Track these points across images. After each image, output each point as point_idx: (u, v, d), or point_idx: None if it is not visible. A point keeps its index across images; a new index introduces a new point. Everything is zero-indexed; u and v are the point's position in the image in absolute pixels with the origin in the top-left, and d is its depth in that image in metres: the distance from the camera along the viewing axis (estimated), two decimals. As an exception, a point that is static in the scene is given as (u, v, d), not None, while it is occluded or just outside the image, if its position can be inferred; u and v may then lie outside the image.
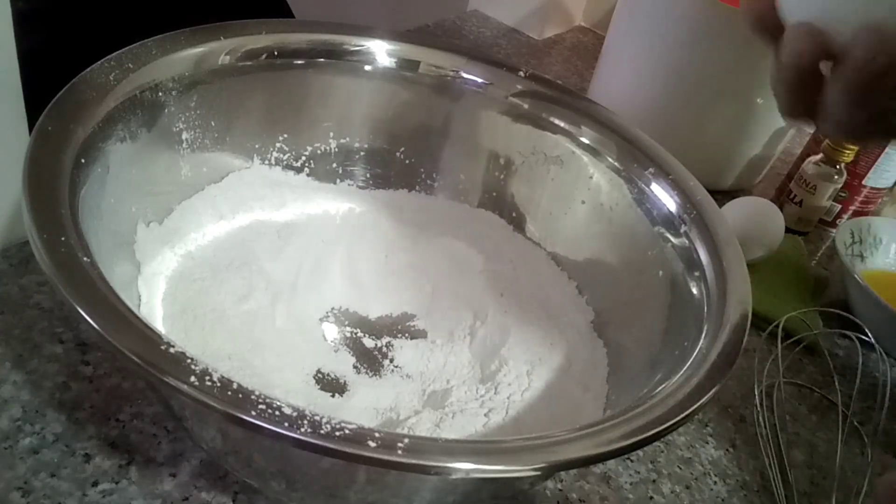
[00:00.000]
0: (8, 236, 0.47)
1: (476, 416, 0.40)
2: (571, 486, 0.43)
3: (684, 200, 0.46)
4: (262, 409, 0.26)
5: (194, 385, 0.26)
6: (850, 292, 0.62)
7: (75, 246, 0.30)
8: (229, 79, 0.46)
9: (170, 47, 0.43)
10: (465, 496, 0.35)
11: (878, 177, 0.71)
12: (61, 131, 0.35)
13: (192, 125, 0.45)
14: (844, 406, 0.53)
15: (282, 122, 0.51)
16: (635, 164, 0.48)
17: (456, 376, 0.44)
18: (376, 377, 0.44)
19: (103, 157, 0.37)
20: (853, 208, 0.74)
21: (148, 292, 0.41)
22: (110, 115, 0.38)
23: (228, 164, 0.49)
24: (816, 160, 0.70)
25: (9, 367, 0.40)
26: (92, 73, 0.39)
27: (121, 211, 0.40)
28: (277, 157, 0.51)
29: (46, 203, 0.31)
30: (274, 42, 0.48)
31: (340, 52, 0.51)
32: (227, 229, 0.48)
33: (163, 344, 0.27)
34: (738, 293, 0.39)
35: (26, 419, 0.38)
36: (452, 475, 0.27)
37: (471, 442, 0.36)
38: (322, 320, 0.47)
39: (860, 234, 0.65)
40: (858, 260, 0.65)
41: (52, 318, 0.43)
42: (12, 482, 0.35)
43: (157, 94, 0.42)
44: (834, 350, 0.60)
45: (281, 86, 0.49)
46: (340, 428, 0.26)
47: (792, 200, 0.72)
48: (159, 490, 0.37)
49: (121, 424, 0.39)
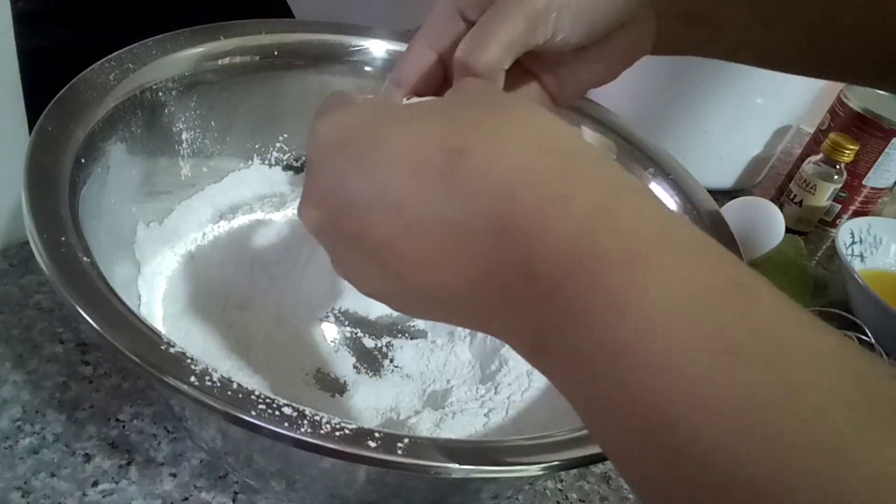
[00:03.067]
0: (8, 236, 0.47)
1: (476, 416, 0.40)
2: (571, 486, 0.43)
3: (684, 200, 0.46)
4: (262, 409, 0.26)
5: (194, 385, 0.26)
6: (850, 292, 0.62)
7: (75, 246, 0.30)
8: (229, 79, 0.46)
9: (170, 47, 0.43)
10: (466, 496, 0.35)
11: (878, 177, 0.71)
12: (61, 131, 0.35)
13: (192, 125, 0.45)
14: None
15: (282, 122, 0.51)
16: (635, 164, 0.48)
17: (456, 376, 0.44)
18: (376, 377, 0.44)
19: (103, 157, 0.37)
20: (853, 208, 0.74)
21: (148, 292, 0.41)
22: (110, 115, 0.38)
23: (228, 164, 0.49)
24: (816, 160, 0.70)
25: (9, 367, 0.40)
26: (92, 73, 0.39)
27: (121, 211, 0.40)
28: (277, 157, 0.51)
29: (46, 203, 0.31)
30: (274, 42, 0.48)
31: (340, 52, 0.50)
32: (227, 229, 0.48)
33: (163, 344, 0.27)
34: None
35: (26, 419, 0.38)
36: (452, 475, 0.27)
37: (471, 442, 0.36)
38: (322, 320, 0.47)
39: (860, 234, 0.65)
40: (858, 260, 0.65)
41: (52, 318, 0.43)
42: (12, 482, 0.35)
43: (157, 94, 0.42)
44: (834, 350, 0.60)
45: (281, 86, 0.49)
46: (340, 428, 0.26)
47: (792, 200, 0.72)
48: (159, 490, 0.37)
49: (121, 424, 0.39)
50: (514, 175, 0.22)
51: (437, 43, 0.33)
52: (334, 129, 0.25)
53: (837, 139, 0.67)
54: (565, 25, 0.31)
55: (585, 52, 0.34)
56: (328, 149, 0.25)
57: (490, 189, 0.22)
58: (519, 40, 0.30)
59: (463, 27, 0.32)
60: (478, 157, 0.22)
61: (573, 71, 0.35)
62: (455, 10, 0.32)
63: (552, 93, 0.36)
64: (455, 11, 0.32)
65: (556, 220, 0.21)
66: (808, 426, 0.16)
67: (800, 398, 0.16)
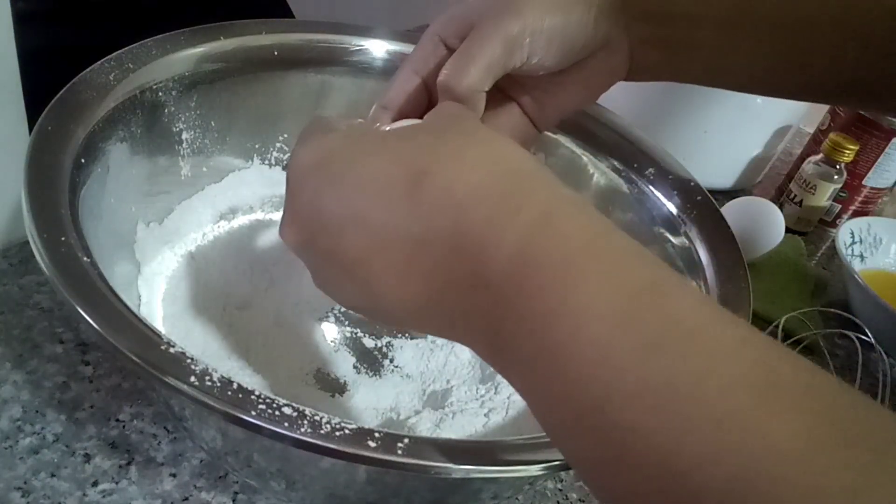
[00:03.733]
0: (8, 236, 0.47)
1: (476, 416, 0.40)
2: (571, 486, 0.43)
3: (684, 200, 0.46)
4: (262, 409, 0.26)
5: (194, 385, 0.26)
6: (850, 292, 0.62)
7: (75, 246, 0.30)
8: (229, 79, 0.46)
9: (170, 47, 0.43)
10: (466, 496, 0.35)
11: (878, 177, 0.71)
12: (61, 131, 0.35)
13: (192, 125, 0.45)
14: (844, 406, 0.53)
15: (282, 122, 0.51)
16: (635, 164, 0.48)
17: (456, 376, 0.44)
18: (376, 377, 0.44)
19: (103, 157, 0.37)
20: (853, 208, 0.74)
21: (148, 292, 0.41)
22: (110, 115, 0.38)
23: (228, 164, 0.49)
24: (816, 160, 0.70)
25: (9, 367, 0.40)
26: (92, 73, 0.39)
27: (121, 211, 0.40)
28: (277, 157, 0.51)
29: (46, 203, 0.31)
30: (274, 42, 0.48)
31: (340, 52, 0.50)
32: (227, 229, 0.48)
33: (163, 344, 0.27)
34: (738, 293, 0.39)
35: (26, 419, 0.38)
36: (452, 475, 0.27)
37: (471, 442, 0.36)
38: (322, 320, 0.47)
39: (860, 234, 0.65)
40: (858, 260, 0.65)
41: (52, 318, 0.43)
42: (12, 482, 0.35)
43: (157, 94, 0.42)
44: (834, 350, 0.60)
45: (281, 86, 0.49)
46: (340, 428, 0.26)
47: (792, 200, 0.72)
48: (159, 490, 0.37)
49: (121, 424, 0.39)
50: (470, 193, 0.24)
51: (422, 69, 0.36)
52: (311, 154, 0.28)
53: (837, 139, 0.67)
54: (538, 49, 0.33)
55: (562, 76, 0.36)
56: (305, 172, 0.27)
57: (449, 206, 0.24)
58: (497, 63, 0.33)
59: (446, 54, 0.35)
60: (439, 178, 0.24)
61: (552, 94, 0.38)
62: (439, 39, 0.35)
63: (532, 116, 0.39)
64: (439, 40, 0.35)
65: (504, 232, 0.23)
66: (712, 404, 0.18)
67: (706, 381, 0.19)
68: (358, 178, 0.26)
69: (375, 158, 0.26)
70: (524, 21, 0.32)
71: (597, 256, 0.22)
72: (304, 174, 0.27)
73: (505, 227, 0.23)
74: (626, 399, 0.19)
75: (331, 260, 0.27)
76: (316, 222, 0.27)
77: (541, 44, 0.33)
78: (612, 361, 0.20)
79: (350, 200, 0.26)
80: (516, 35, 0.32)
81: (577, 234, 0.23)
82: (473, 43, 0.33)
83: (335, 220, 0.26)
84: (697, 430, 0.18)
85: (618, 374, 0.20)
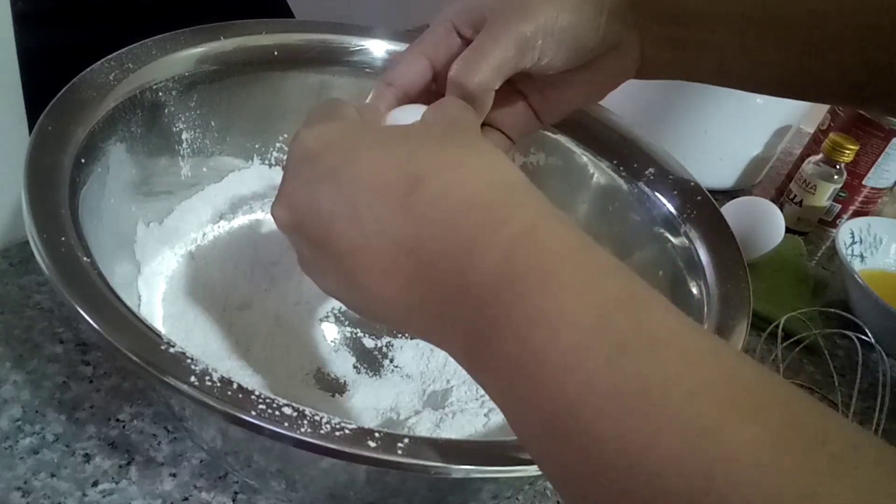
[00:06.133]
0: (8, 236, 0.47)
1: (476, 416, 0.40)
2: (571, 486, 0.43)
3: (684, 200, 0.46)
4: (262, 409, 0.26)
5: (194, 385, 0.26)
6: (850, 292, 0.62)
7: (75, 246, 0.30)
8: (229, 79, 0.46)
9: (170, 47, 0.43)
10: (466, 496, 0.35)
11: (878, 177, 0.71)
12: (61, 131, 0.35)
13: (192, 125, 0.45)
14: (845, 406, 0.53)
15: (282, 122, 0.51)
16: (635, 164, 0.48)
17: (456, 376, 0.44)
18: (376, 377, 0.44)
19: (103, 157, 0.37)
20: (853, 208, 0.74)
21: (148, 292, 0.41)
22: (110, 115, 0.38)
23: (228, 164, 0.49)
24: (816, 160, 0.70)
25: (9, 367, 0.40)
26: (92, 73, 0.39)
27: (121, 211, 0.40)
28: (277, 157, 0.51)
29: (46, 203, 0.31)
30: (274, 42, 0.48)
31: (340, 52, 0.50)
32: (227, 229, 0.48)
33: (163, 344, 0.27)
34: (738, 293, 0.39)
35: (26, 419, 0.38)
36: (452, 475, 0.27)
37: (471, 442, 0.36)
38: (322, 320, 0.47)
39: (860, 234, 0.65)
40: (858, 260, 0.65)
41: (52, 318, 0.43)
42: (12, 482, 0.35)
43: (157, 94, 0.42)
44: (834, 350, 0.60)
45: (281, 86, 0.49)
46: (340, 428, 0.26)
47: (792, 200, 0.72)
48: (159, 490, 0.37)
49: (121, 424, 0.39)
50: (463, 202, 0.25)
51: (431, 52, 0.36)
52: (314, 140, 0.28)
53: (837, 139, 0.67)
54: (549, 51, 0.34)
55: (572, 74, 0.36)
56: (305, 157, 0.28)
57: (441, 212, 0.25)
58: (509, 64, 0.33)
59: (457, 41, 0.35)
60: (435, 185, 0.25)
61: (560, 91, 0.38)
62: (452, 26, 0.35)
63: (538, 110, 0.39)
64: (452, 27, 0.35)
65: (491, 241, 0.24)
66: (678, 409, 0.19)
67: (673, 387, 0.19)
68: (355, 174, 0.26)
69: (375, 157, 0.26)
70: (538, 22, 0.33)
71: (576, 268, 0.23)
72: (304, 159, 0.28)
73: (492, 237, 0.24)
74: (598, 402, 0.20)
75: (318, 247, 0.27)
76: (308, 209, 0.27)
77: (552, 45, 0.34)
78: (585, 366, 0.21)
79: (345, 194, 0.26)
80: (530, 37, 0.33)
81: (559, 247, 0.23)
82: (486, 40, 0.33)
83: (327, 209, 0.26)
84: (664, 434, 0.19)
85: (590, 379, 0.20)
